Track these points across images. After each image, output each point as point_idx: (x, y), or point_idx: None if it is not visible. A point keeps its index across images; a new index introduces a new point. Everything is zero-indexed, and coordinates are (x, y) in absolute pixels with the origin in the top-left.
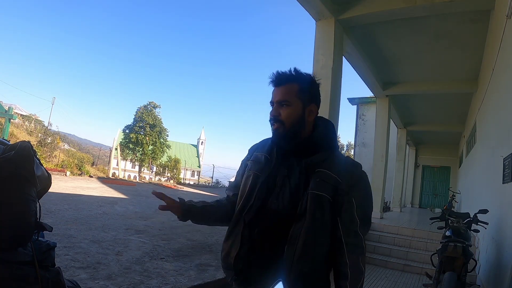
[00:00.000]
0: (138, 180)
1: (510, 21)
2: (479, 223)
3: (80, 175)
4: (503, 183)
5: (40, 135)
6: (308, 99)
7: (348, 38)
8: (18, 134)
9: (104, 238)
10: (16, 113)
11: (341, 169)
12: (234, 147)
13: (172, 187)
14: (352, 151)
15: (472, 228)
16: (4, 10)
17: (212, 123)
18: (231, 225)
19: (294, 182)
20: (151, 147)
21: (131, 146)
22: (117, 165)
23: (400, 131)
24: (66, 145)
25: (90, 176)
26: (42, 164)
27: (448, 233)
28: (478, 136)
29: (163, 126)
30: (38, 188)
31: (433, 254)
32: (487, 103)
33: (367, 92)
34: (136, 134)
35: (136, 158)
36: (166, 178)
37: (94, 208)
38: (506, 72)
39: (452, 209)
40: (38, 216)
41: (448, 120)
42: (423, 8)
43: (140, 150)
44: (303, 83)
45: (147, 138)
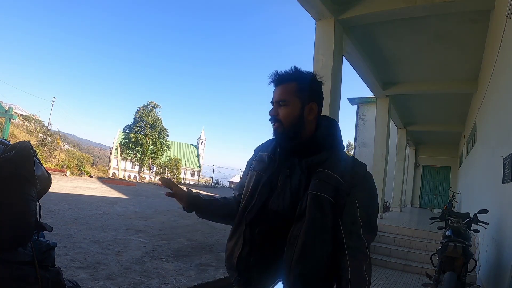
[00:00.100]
0: (138, 180)
1: (510, 21)
2: (479, 223)
3: (80, 175)
4: (503, 183)
5: (40, 135)
6: (307, 97)
7: (348, 38)
8: (18, 134)
9: (104, 238)
10: (16, 113)
11: (343, 169)
12: (234, 147)
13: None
14: (352, 151)
15: (472, 228)
16: (4, 10)
17: (212, 123)
18: (234, 224)
19: (295, 183)
20: (151, 147)
21: (131, 146)
22: (117, 165)
23: (400, 131)
24: (66, 145)
25: (90, 176)
26: (42, 164)
27: (448, 233)
28: (478, 136)
29: (163, 126)
30: (38, 188)
31: (433, 254)
32: (487, 103)
33: (367, 92)
34: (136, 134)
35: (136, 158)
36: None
37: (94, 208)
38: (506, 72)
39: (452, 209)
40: (38, 216)
41: (448, 120)
42: (423, 8)
43: (140, 150)
44: (302, 81)
45: (147, 138)
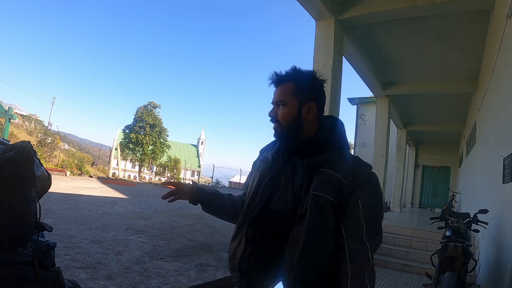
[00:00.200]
0: (138, 180)
1: (510, 21)
2: (479, 223)
3: (80, 175)
4: (503, 183)
5: (40, 135)
6: (306, 97)
7: (348, 38)
8: (18, 134)
9: (104, 238)
10: (16, 113)
11: (346, 169)
12: (234, 147)
13: (172, 187)
14: (352, 151)
15: (472, 228)
16: (4, 10)
17: (212, 123)
18: (237, 224)
19: (297, 183)
20: (151, 147)
21: (131, 146)
22: (117, 165)
23: (400, 131)
24: (66, 145)
25: (90, 176)
26: (42, 164)
27: (448, 233)
28: (478, 136)
29: (163, 126)
30: (38, 188)
31: (433, 254)
32: (487, 103)
33: (367, 92)
34: (136, 134)
35: (136, 158)
36: (166, 178)
37: (94, 208)
38: (506, 72)
39: (452, 209)
40: (38, 216)
41: (448, 120)
42: (423, 8)
43: (140, 150)
44: (301, 81)
45: (147, 138)
